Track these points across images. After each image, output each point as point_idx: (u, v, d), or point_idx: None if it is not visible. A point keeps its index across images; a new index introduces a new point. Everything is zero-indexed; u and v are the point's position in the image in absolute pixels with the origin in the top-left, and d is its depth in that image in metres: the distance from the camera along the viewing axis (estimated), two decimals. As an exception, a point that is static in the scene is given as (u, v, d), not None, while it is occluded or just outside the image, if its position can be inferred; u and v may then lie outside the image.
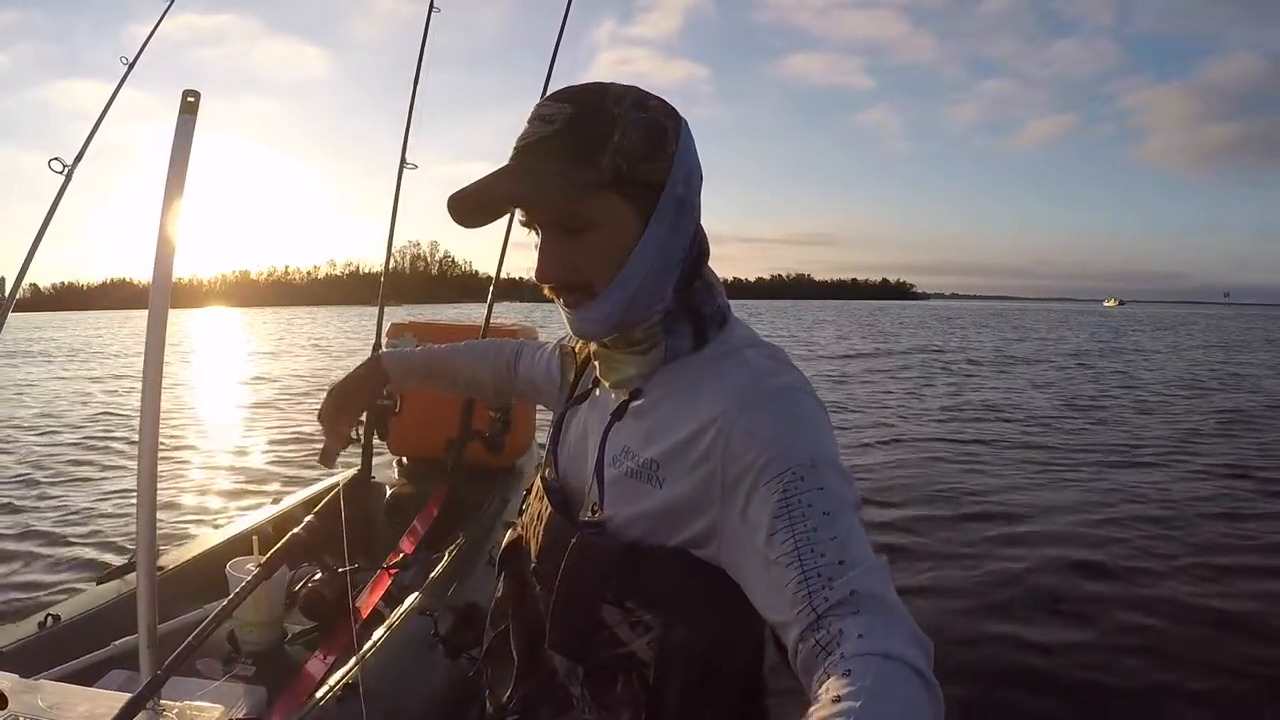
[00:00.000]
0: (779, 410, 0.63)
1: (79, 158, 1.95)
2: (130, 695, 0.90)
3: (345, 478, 2.35)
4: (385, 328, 2.69)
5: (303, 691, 1.36)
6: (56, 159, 1.90)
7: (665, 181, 0.68)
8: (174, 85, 0.95)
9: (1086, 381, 11.48)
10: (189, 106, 0.95)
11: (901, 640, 0.48)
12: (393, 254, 2.69)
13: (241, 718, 1.25)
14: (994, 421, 7.63)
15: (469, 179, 0.69)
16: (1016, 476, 5.32)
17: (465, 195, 0.67)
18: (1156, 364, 14.88)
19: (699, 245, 0.73)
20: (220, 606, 1.10)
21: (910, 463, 5.71)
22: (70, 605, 1.57)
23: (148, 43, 2.21)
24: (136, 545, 0.97)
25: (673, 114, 0.70)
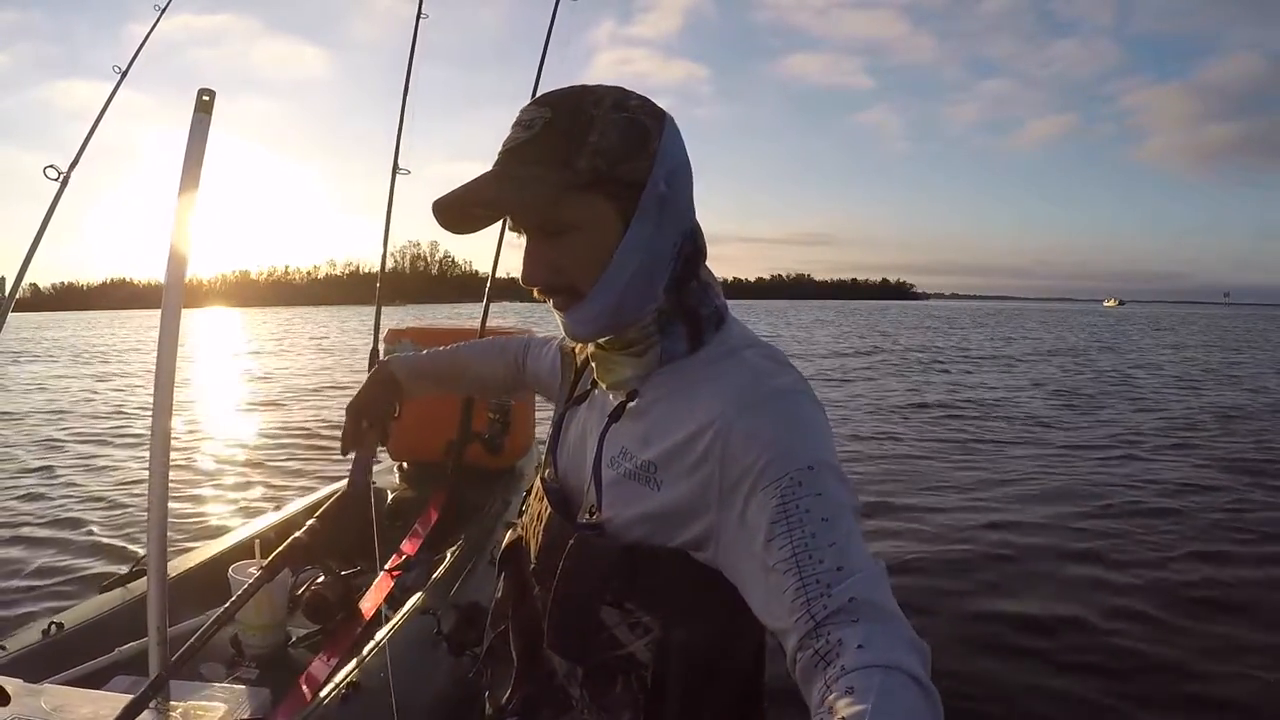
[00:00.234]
0: (778, 413, 0.63)
1: (74, 164, 1.95)
2: (133, 696, 0.91)
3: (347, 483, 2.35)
4: (383, 331, 2.70)
5: (307, 693, 1.36)
6: (52, 166, 1.90)
7: (646, 180, 0.67)
8: (172, 86, 0.94)
9: (1084, 379, 11.48)
10: (204, 105, 0.94)
11: (901, 649, 0.48)
12: (393, 254, 2.69)
13: (246, 718, 1.25)
14: (993, 420, 7.62)
15: (466, 178, 0.69)
16: (1014, 474, 5.32)
17: (448, 202, 0.67)
18: (1155, 362, 14.87)
19: (693, 245, 0.72)
20: (224, 608, 1.11)
21: (909, 460, 5.71)
22: (74, 613, 1.58)
23: (140, 50, 2.20)
24: (147, 543, 0.98)
25: (656, 113, 0.68)
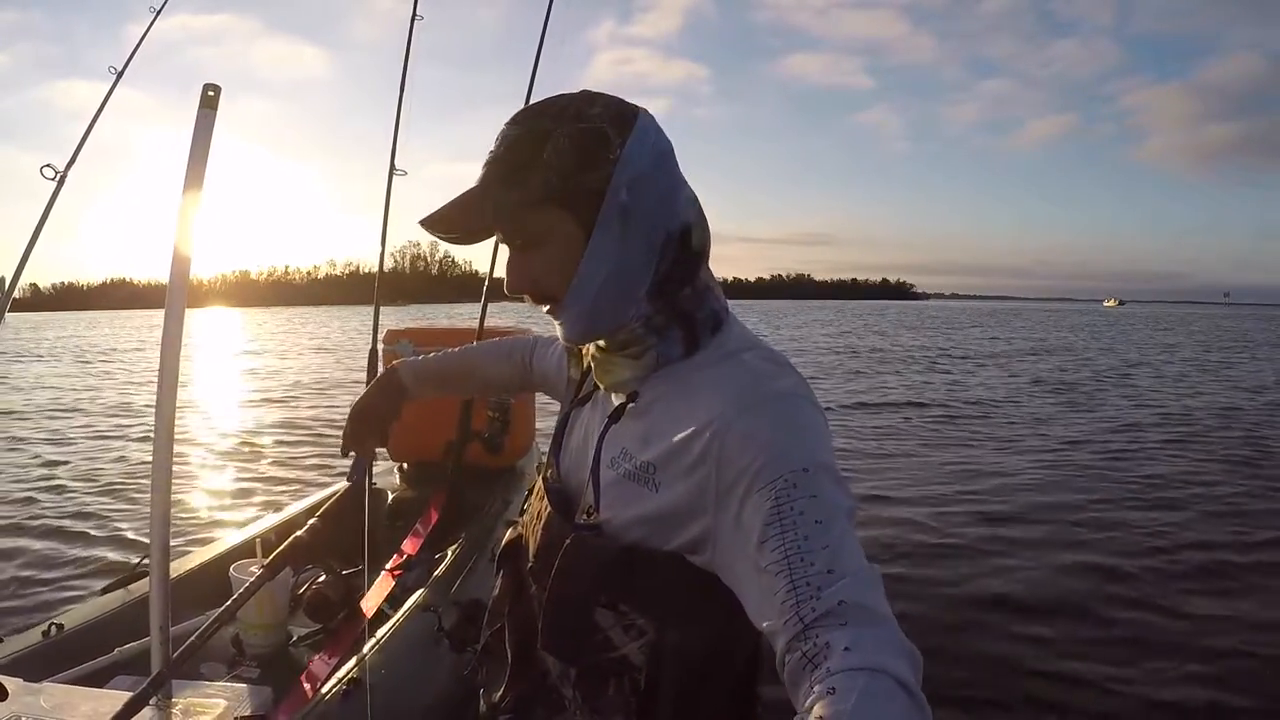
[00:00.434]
0: (776, 415, 0.63)
1: (71, 163, 1.95)
2: (133, 694, 0.91)
3: (347, 484, 2.36)
4: (381, 331, 2.70)
5: (308, 690, 1.37)
6: (49, 165, 1.90)
7: (605, 190, 0.66)
8: (172, 86, 0.97)
9: (1081, 377, 11.49)
10: (209, 100, 0.93)
11: (889, 653, 0.47)
12: (393, 254, 2.69)
13: (247, 715, 1.26)
14: (993, 418, 7.62)
15: (465, 178, 0.72)
16: (1012, 470, 5.33)
17: (430, 222, 0.70)
18: (1153, 362, 14.88)
19: (682, 247, 0.70)
20: (224, 607, 1.11)
21: (908, 457, 5.71)
22: (74, 614, 1.58)
23: (136, 51, 2.20)
24: (150, 540, 0.97)
25: (620, 119, 0.68)
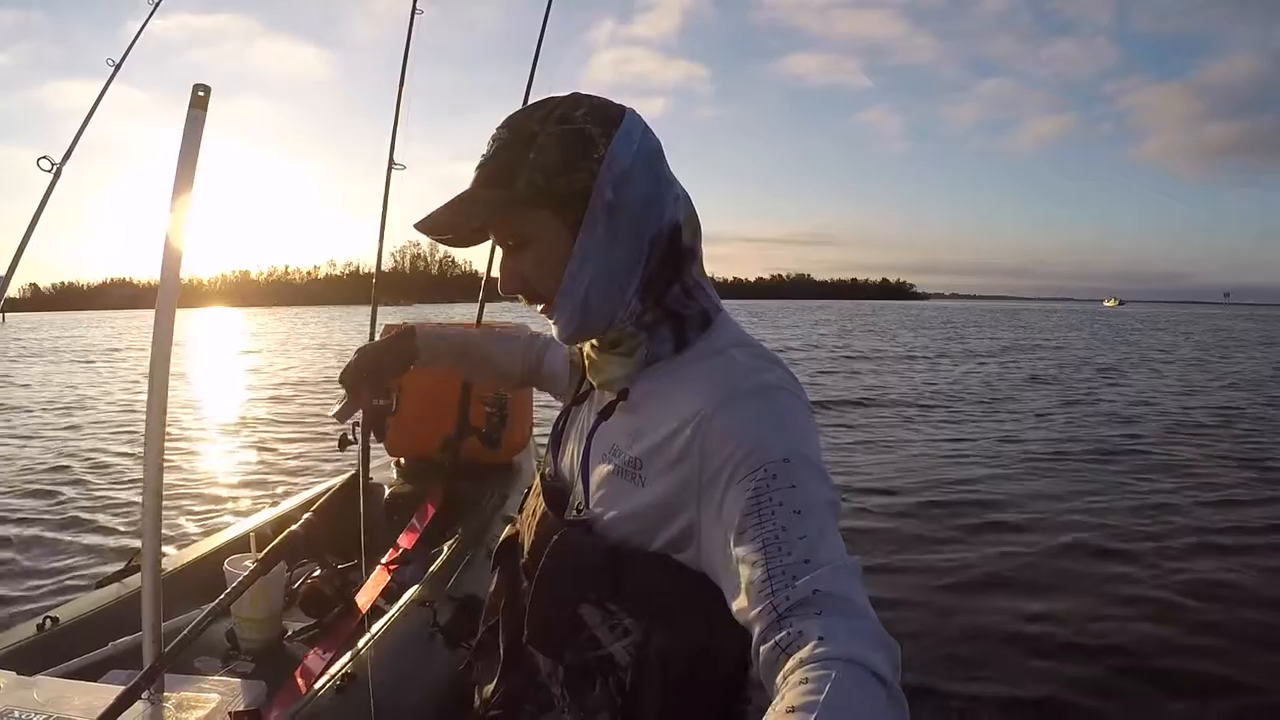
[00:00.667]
0: (757, 407, 0.63)
1: (67, 155, 1.94)
2: (126, 687, 0.91)
3: (344, 478, 2.36)
4: (379, 328, 2.69)
5: (302, 685, 1.36)
6: (45, 157, 1.89)
7: (590, 190, 0.67)
8: (171, 85, 0.95)
9: (1080, 377, 11.50)
10: (199, 101, 0.93)
11: (865, 644, 0.47)
12: (393, 254, 2.69)
13: (241, 710, 1.25)
14: (991, 417, 7.63)
15: (464, 177, 0.74)
16: (1009, 467, 5.34)
17: (424, 226, 0.72)
18: (1152, 361, 14.89)
19: (670, 246, 0.71)
20: (218, 600, 1.10)
21: (905, 454, 5.71)
22: (69, 608, 1.57)
23: (133, 45, 2.20)
24: (142, 534, 0.97)
25: (606, 119, 0.68)
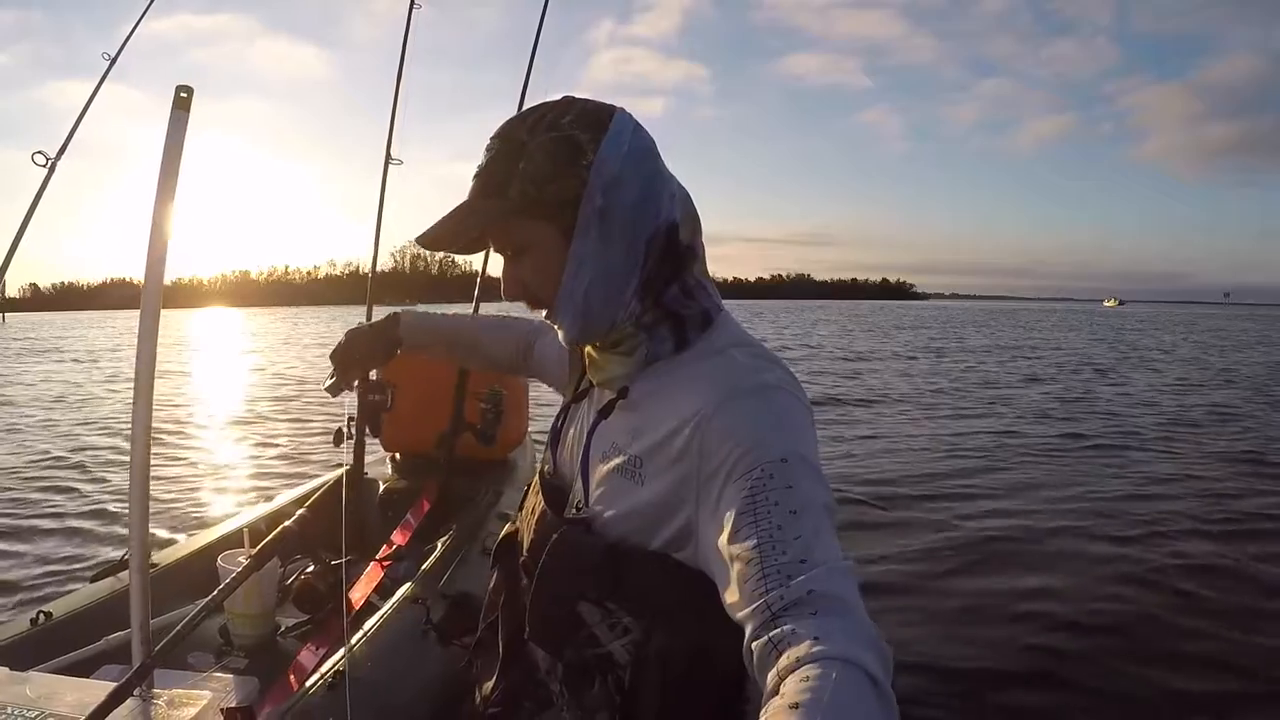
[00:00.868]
0: (756, 407, 0.63)
1: (62, 150, 1.95)
2: (118, 683, 0.91)
3: (339, 473, 2.36)
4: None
5: (294, 682, 1.37)
6: (40, 152, 1.90)
7: (580, 197, 0.68)
8: (170, 85, 0.95)
9: (1080, 378, 11.50)
10: (181, 102, 0.93)
11: (858, 645, 0.47)
12: (393, 254, 2.69)
13: (233, 707, 1.25)
14: (990, 413, 7.62)
15: (463, 177, 0.76)
16: (1007, 464, 5.36)
17: (424, 240, 0.74)
18: (1151, 360, 14.91)
19: (668, 247, 0.71)
20: (210, 596, 1.11)
21: (904, 452, 5.72)
22: (63, 602, 1.57)
23: (129, 39, 2.21)
24: (130, 531, 0.97)
25: (595, 124, 0.69)
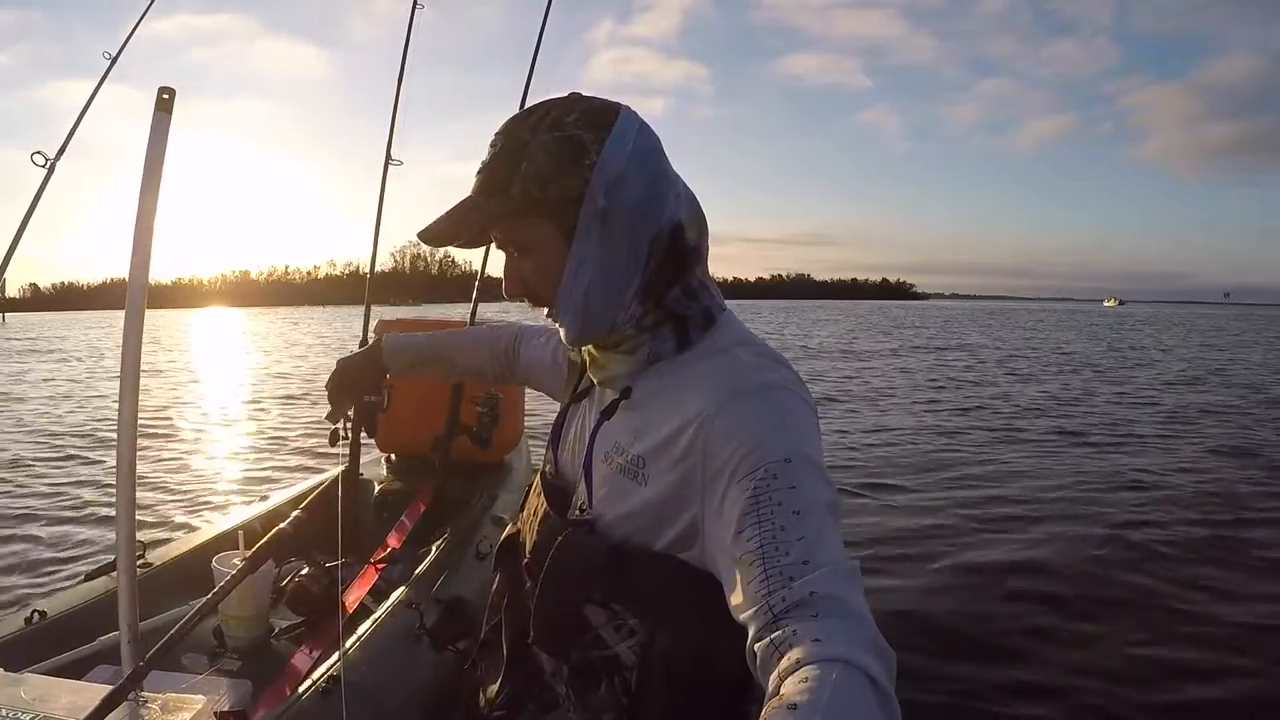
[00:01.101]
0: (759, 406, 0.63)
1: (61, 151, 1.95)
2: (113, 687, 0.91)
3: (333, 474, 2.36)
4: (373, 324, 2.70)
5: (288, 685, 1.37)
6: (39, 152, 1.90)
7: (582, 197, 0.67)
8: (172, 85, 0.95)
9: (1080, 378, 11.49)
10: (164, 104, 0.94)
11: (859, 648, 0.47)
12: (393, 254, 2.69)
13: (226, 710, 1.26)
14: (990, 412, 7.61)
15: (464, 177, 0.74)
16: (1007, 462, 5.37)
17: (426, 236, 0.73)
18: (1151, 360, 14.91)
19: (674, 248, 0.71)
20: (205, 600, 1.11)
21: (904, 450, 5.73)
22: (57, 601, 1.57)
23: (130, 37, 2.21)
24: (116, 537, 0.98)
25: (599, 123, 0.68)
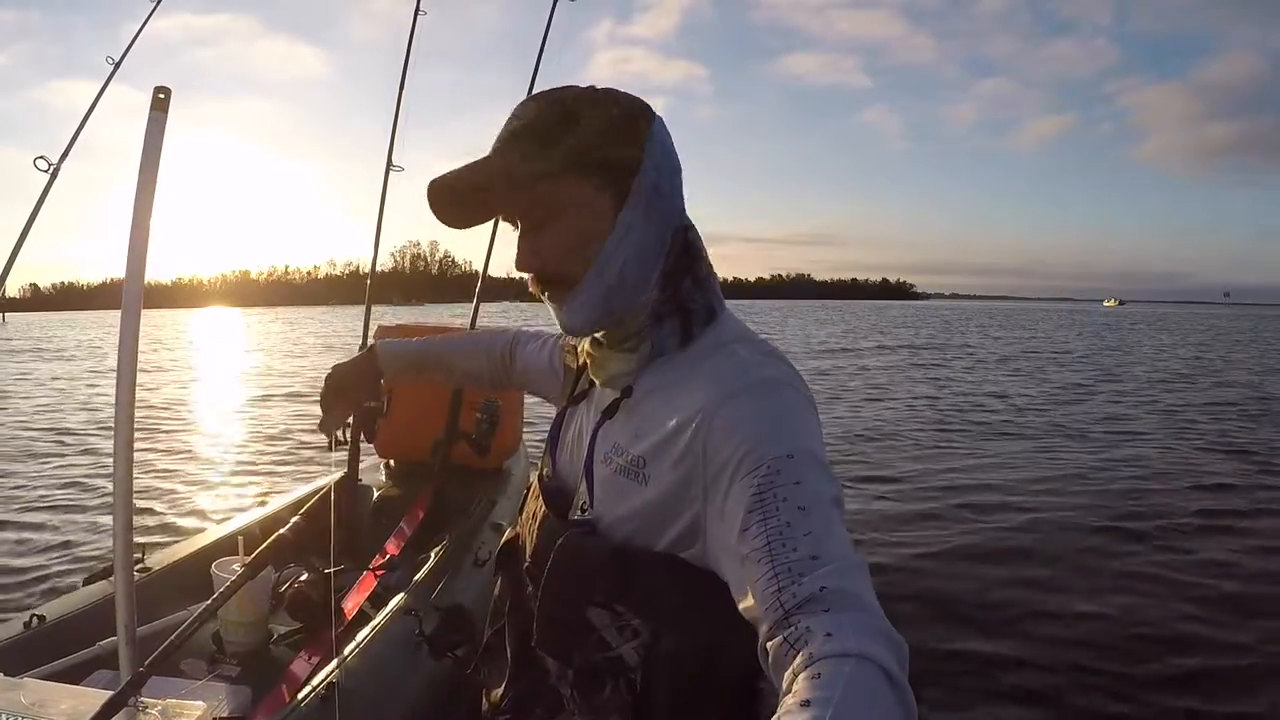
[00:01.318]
0: (760, 402, 0.63)
1: (64, 155, 1.95)
2: (112, 693, 0.92)
3: (333, 480, 2.36)
4: (373, 328, 2.70)
5: (287, 692, 1.37)
6: (42, 157, 1.90)
7: (639, 167, 0.67)
8: (171, 84, 0.94)
9: (1080, 376, 11.51)
10: (159, 103, 0.93)
11: (872, 641, 0.47)
12: (393, 254, 2.69)
13: (225, 717, 1.26)
14: (989, 412, 7.62)
15: None
16: (1006, 460, 5.41)
17: (441, 185, 0.67)
18: (1151, 360, 14.94)
19: (685, 242, 0.72)
20: (204, 606, 1.11)
21: (903, 450, 5.74)
22: (56, 605, 1.57)
23: (134, 43, 2.21)
24: (114, 541, 0.98)
25: (646, 110, 0.70)
